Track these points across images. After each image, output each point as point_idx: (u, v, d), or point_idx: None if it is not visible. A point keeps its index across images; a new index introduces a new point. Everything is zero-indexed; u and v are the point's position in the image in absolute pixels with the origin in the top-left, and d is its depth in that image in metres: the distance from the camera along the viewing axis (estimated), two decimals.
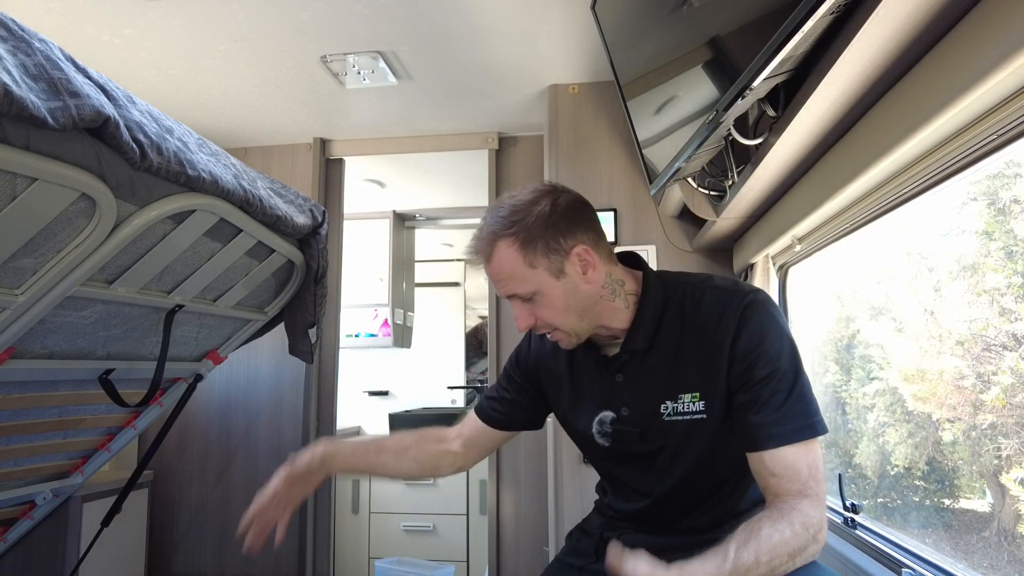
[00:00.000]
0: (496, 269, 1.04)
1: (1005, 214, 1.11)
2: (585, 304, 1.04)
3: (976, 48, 0.78)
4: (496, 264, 1.03)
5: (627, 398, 1.08)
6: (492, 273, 1.05)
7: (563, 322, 1.04)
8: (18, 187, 0.93)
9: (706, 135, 1.33)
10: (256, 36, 1.99)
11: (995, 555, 1.17)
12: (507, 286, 1.04)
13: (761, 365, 0.96)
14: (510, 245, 1.01)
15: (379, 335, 3.72)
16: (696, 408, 1.02)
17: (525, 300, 1.04)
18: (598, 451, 1.13)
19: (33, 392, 1.47)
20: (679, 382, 1.03)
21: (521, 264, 1.01)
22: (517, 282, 1.03)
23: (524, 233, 1.01)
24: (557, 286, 1.02)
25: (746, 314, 0.99)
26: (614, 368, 1.09)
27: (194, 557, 2.68)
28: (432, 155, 2.87)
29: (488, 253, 1.04)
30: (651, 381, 1.06)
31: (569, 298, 1.03)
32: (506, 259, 1.02)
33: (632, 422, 1.07)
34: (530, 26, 1.96)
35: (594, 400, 1.12)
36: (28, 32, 0.88)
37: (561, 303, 1.03)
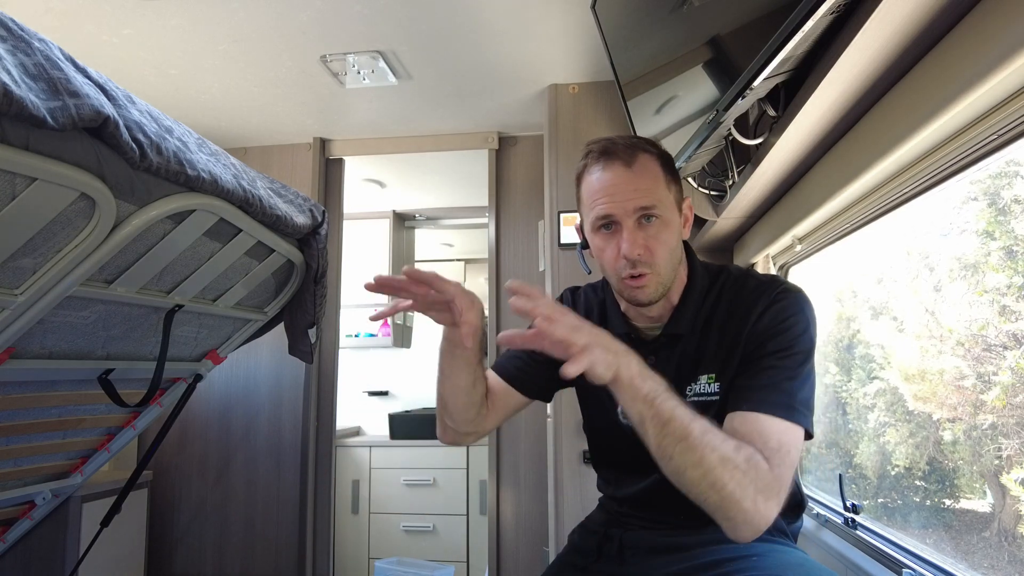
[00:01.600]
0: (637, 175, 0.98)
1: (1006, 214, 1.11)
2: (678, 257, 1.03)
3: (976, 48, 0.78)
4: (638, 169, 0.98)
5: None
6: (632, 178, 0.97)
7: (665, 261, 1.00)
8: (17, 187, 0.93)
9: (706, 135, 1.33)
10: (256, 36, 1.99)
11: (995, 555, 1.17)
12: (644, 197, 0.97)
13: (772, 343, 0.95)
14: (654, 160, 0.99)
15: (379, 335, 3.72)
16: (711, 390, 1.01)
17: (645, 224, 0.98)
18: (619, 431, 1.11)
19: (33, 392, 1.46)
20: (700, 364, 1.03)
21: (662, 181, 0.99)
22: (656, 196, 0.98)
23: (665, 157, 1.01)
24: (676, 221, 1.01)
25: (778, 296, 0.98)
26: (648, 350, 1.06)
27: (194, 557, 2.68)
28: (432, 155, 2.87)
29: (631, 157, 0.98)
30: (679, 364, 1.05)
31: (676, 239, 1.01)
32: (651, 170, 0.98)
33: None
34: (530, 26, 1.96)
35: None
36: (28, 32, 0.88)
37: (673, 240, 1.00)
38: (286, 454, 2.67)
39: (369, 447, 3.53)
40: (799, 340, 0.95)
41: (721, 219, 1.77)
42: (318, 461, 2.71)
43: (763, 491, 0.82)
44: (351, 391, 4.03)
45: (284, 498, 2.65)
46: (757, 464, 0.84)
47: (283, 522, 2.64)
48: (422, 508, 3.43)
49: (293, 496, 2.64)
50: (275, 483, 2.66)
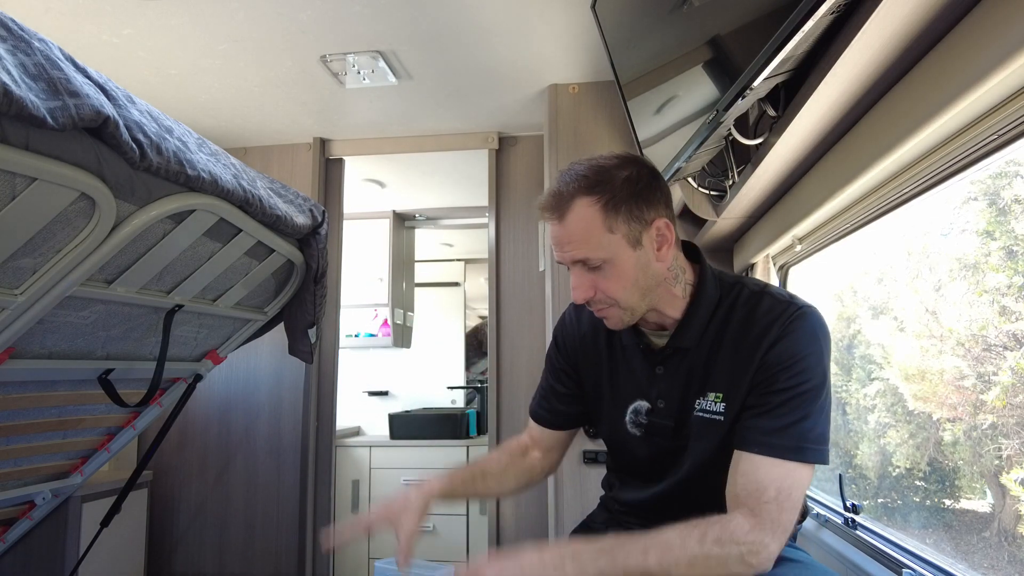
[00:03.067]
0: (570, 229, 0.96)
1: (1006, 214, 1.11)
2: (650, 283, 1.00)
3: (976, 48, 0.78)
4: (571, 223, 0.96)
5: (664, 390, 1.06)
6: (562, 234, 0.98)
7: (625, 297, 0.98)
8: (18, 187, 0.93)
9: (706, 135, 1.33)
10: (256, 36, 1.99)
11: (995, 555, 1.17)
12: (577, 249, 0.97)
13: (785, 377, 0.92)
14: (591, 204, 0.95)
15: (379, 335, 3.72)
16: (716, 409, 1.00)
17: (590, 269, 0.98)
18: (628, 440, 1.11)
19: (33, 392, 1.46)
20: (709, 380, 1.01)
21: (600, 227, 0.95)
22: (590, 246, 0.96)
23: (608, 195, 0.95)
24: (631, 257, 0.97)
25: (793, 324, 0.94)
26: (654, 360, 1.06)
27: (194, 557, 2.68)
28: (432, 155, 2.87)
29: (564, 210, 0.97)
30: (689, 377, 1.04)
31: (638, 272, 0.98)
32: (584, 219, 0.95)
33: (666, 415, 1.05)
34: (530, 26, 1.96)
35: (631, 388, 1.10)
36: (28, 32, 0.88)
37: (630, 276, 0.97)
38: (286, 454, 2.67)
39: (369, 447, 3.53)
40: (813, 372, 0.93)
41: (721, 219, 1.77)
42: (318, 461, 2.71)
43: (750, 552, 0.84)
44: (351, 391, 4.03)
45: (284, 498, 2.65)
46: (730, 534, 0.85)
47: (283, 522, 2.64)
48: None
49: (293, 496, 2.64)
50: (275, 483, 2.66)
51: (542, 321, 2.58)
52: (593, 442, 2.15)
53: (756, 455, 0.90)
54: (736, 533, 0.85)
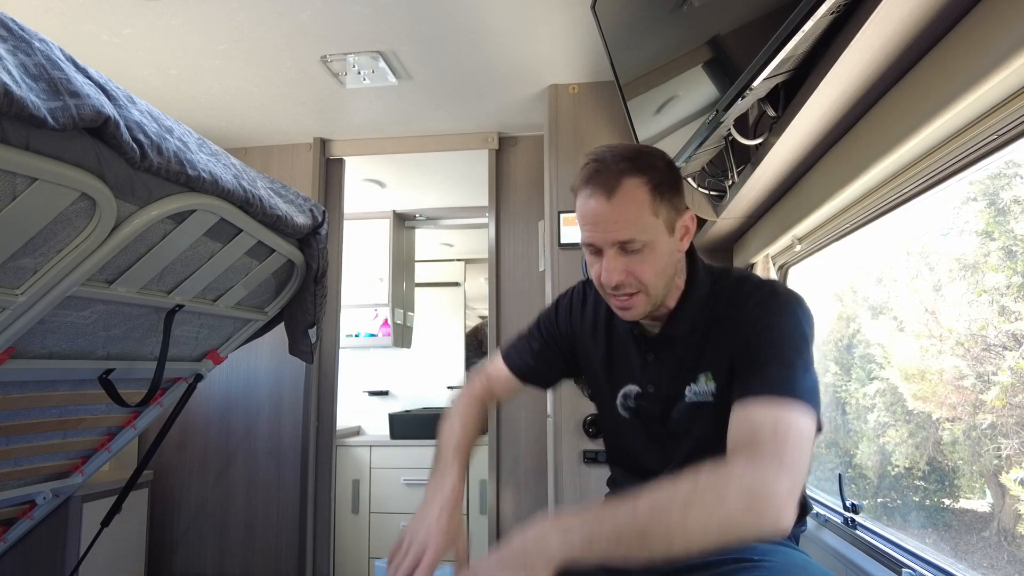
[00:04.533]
0: (619, 207, 0.94)
1: (1005, 214, 1.12)
2: (671, 272, 1.01)
3: (976, 48, 0.78)
4: (621, 201, 0.93)
5: (654, 376, 1.09)
6: (609, 212, 0.94)
7: (654, 283, 0.98)
8: (18, 187, 0.93)
9: (706, 135, 1.33)
10: (256, 36, 1.99)
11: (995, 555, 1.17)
12: (624, 229, 0.94)
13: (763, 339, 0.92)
14: (641, 186, 0.94)
15: (379, 335, 3.72)
16: (708, 389, 1.02)
17: (627, 252, 0.96)
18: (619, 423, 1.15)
19: (33, 392, 1.47)
20: (698, 364, 1.03)
21: (647, 208, 0.94)
22: (637, 227, 0.94)
23: (656, 179, 0.95)
24: (666, 243, 0.97)
25: (766, 297, 0.97)
26: (646, 347, 1.09)
27: (194, 557, 2.68)
28: (432, 155, 2.87)
29: (614, 188, 0.93)
30: (679, 364, 1.06)
31: (668, 259, 0.98)
32: (634, 199, 0.94)
33: (655, 399, 1.08)
34: (530, 26, 1.96)
35: (623, 373, 1.13)
36: (28, 32, 0.88)
37: (662, 262, 0.97)
38: (286, 454, 2.67)
39: (369, 447, 3.53)
40: (790, 335, 0.92)
41: (721, 219, 1.77)
42: (318, 461, 2.71)
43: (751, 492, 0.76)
44: (351, 391, 4.03)
45: (284, 498, 2.65)
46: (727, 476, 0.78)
47: (283, 522, 2.64)
48: None
49: (293, 496, 2.64)
50: (275, 483, 2.66)
51: None
52: (593, 442, 2.15)
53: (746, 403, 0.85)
54: (730, 470, 0.78)
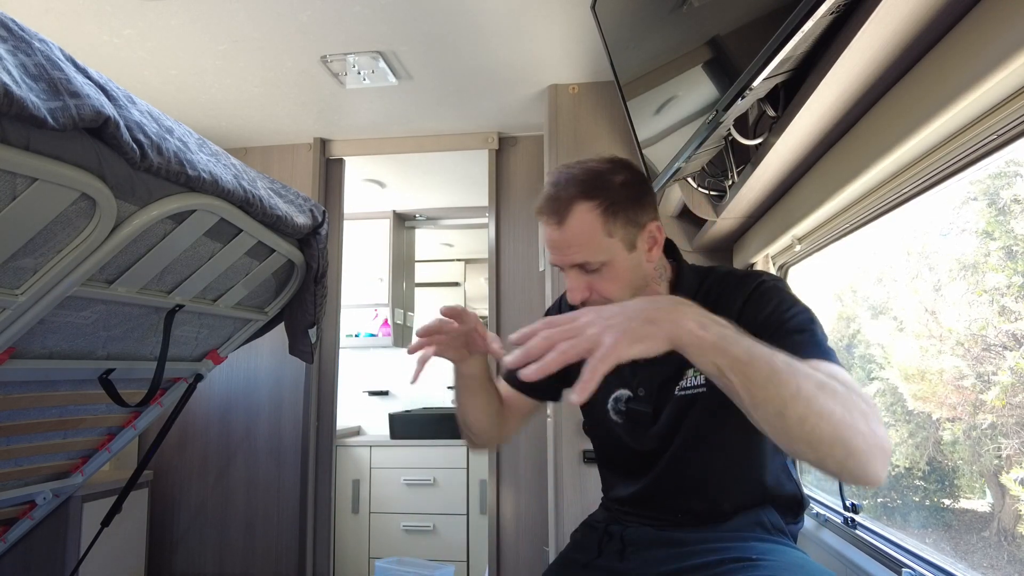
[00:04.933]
0: (570, 233, 0.98)
1: (1005, 214, 1.12)
2: (640, 283, 1.03)
3: (976, 48, 0.78)
4: (571, 227, 0.97)
5: (643, 379, 1.09)
6: (562, 238, 0.99)
7: (619, 297, 0.99)
8: (18, 187, 0.93)
9: (706, 135, 1.33)
10: (256, 36, 1.99)
11: (995, 555, 1.17)
12: (577, 253, 0.98)
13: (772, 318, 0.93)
14: (591, 210, 0.97)
15: (379, 335, 3.72)
16: (698, 381, 1.03)
17: (587, 271, 1.00)
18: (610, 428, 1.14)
19: (33, 392, 1.47)
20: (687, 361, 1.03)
21: (599, 231, 0.97)
22: (589, 250, 0.98)
23: (607, 200, 0.97)
24: (626, 259, 1.00)
25: (756, 288, 0.99)
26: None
27: (194, 557, 2.68)
28: (432, 155, 2.87)
29: (563, 215, 0.97)
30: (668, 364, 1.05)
31: (632, 274, 1.01)
32: (584, 224, 0.97)
33: (645, 401, 1.09)
34: (530, 26, 1.96)
35: (612, 378, 1.12)
36: (28, 32, 0.88)
37: (625, 278, 1.00)
38: (286, 454, 2.67)
39: (369, 447, 3.53)
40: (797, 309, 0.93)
41: (721, 219, 1.77)
42: (318, 461, 2.71)
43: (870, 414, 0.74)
44: (351, 391, 4.03)
45: (284, 498, 2.65)
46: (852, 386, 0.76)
47: (283, 522, 2.64)
48: (422, 508, 3.43)
49: (293, 496, 2.64)
50: (275, 483, 2.66)
51: None
52: None
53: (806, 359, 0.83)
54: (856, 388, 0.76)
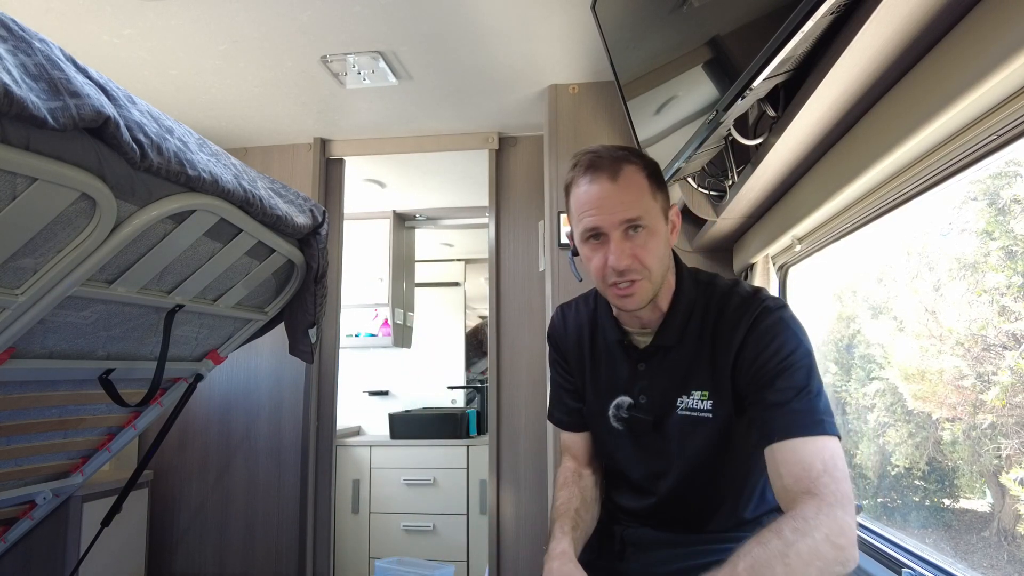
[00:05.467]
0: (622, 188, 0.99)
1: (1005, 214, 1.12)
2: (667, 263, 1.06)
3: (976, 48, 0.78)
4: (624, 183, 0.99)
5: (646, 386, 1.09)
6: (615, 193, 0.99)
7: (656, 267, 1.01)
8: (18, 187, 0.93)
9: (706, 135, 1.33)
10: (256, 36, 1.99)
11: (995, 555, 1.17)
12: (630, 208, 0.99)
13: (771, 366, 0.95)
14: (640, 171, 1.01)
15: (379, 335, 3.72)
16: (704, 407, 1.03)
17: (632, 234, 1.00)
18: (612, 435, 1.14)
19: (33, 392, 1.47)
20: (692, 378, 1.04)
21: (648, 191, 1.01)
22: (641, 207, 0.99)
23: (651, 167, 1.03)
24: (663, 228, 1.03)
25: (757, 320, 0.99)
26: (637, 357, 1.10)
27: (194, 557, 2.68)
28: (432, 155, 2.87)
29: (616, 170, 1.00)
30: (670, 375, 1.07)
31: (665, 248, 1.04)
32: (636, 181, 1.00)
33: (647, 410, 1.08)
34: (530, 26, 1.96)
35: (614, 384, 1.13)
36: (28, 32, 0.88)
37: (662, 247, 1.03)
38: (286, 454, 2.67)
39: (369, 447, 3.53)
40: (796, 356, 0.95)
41: (721, 219, 1.77)
42: (318, 461, 2.71)
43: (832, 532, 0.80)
44: (351, 391, 4.03)
45: (284, 498, 2.65)
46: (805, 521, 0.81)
47: (283, 522, 2.64)
48: (422, 508, 3.43)
49: (293, 496, 2.64)
50: (275, 483, 2.66)
51: (542, 321, 2.59)
52: None
53: (787, 441, 0.89)
54: (808, 517, 0.81)
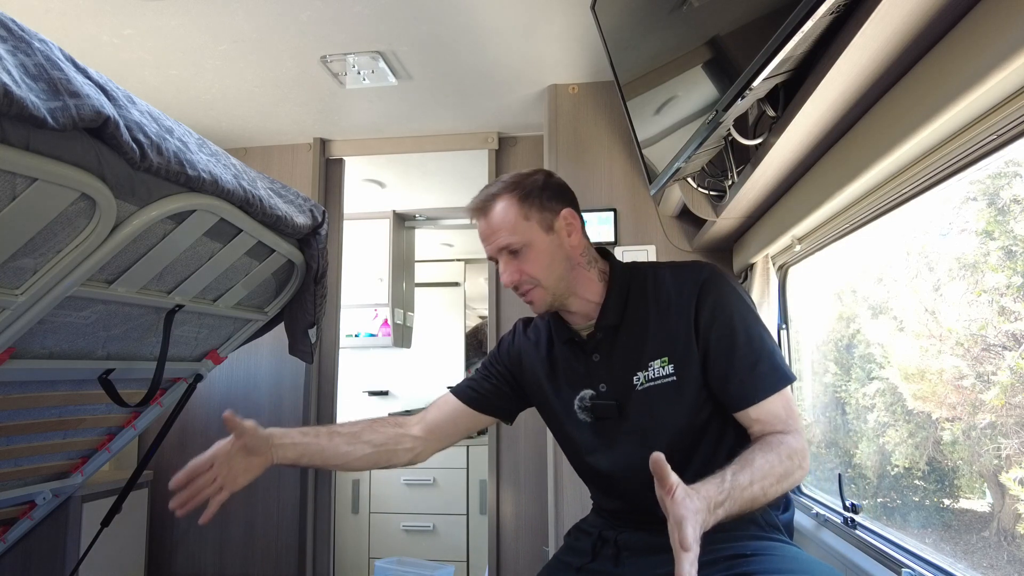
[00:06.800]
0: (493, 221, 1.13)
1: (1005, 214, 1.12)
2: (566, 265, 1.15)
3: (976, 48, 0.78)
4: (493, 216, 1.13)
5: (604, 375, 1.14)
6: (487, 226, 1.14)
7: (545, 276, 1.13)
8: (18, 187, 0.93)
9: (706, 135, 1.33)
10: (256, 36, 1.99)
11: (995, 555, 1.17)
12: (500, 238, 1.13)
13: (729, 331, 1.06)
14: (509, 199, 1.13)
15: (379, 335, 3.72)
16: (666, 371, 1.09)
17: (513, 255, 1.13)
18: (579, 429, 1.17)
19: (33, 392, 1.47)
20: (647, 352, 1.11)
21: (517, 215, 1.12)
22: (510, 232, 1.12)
23: (522, 191, 1.14)
24: (545, 240, 1.13)
25: (706, 285, 1.09)
26: (590, 349, 1.16)
27: (194, 557, 2.68)
28: (432, 155, 2.87)
29: (487, 208, 1.15)
30: (623, 356, 1.13)
31: (554, 254, 1.14)
32: (503, 211, 1.13)
33: (609, 396, 1.13)
34: (530, 26, 1.96)
35: (573, 382, 1.18)
36: (28, 32, 0.88)
37: (546, 257, 1.13)
38: None
39: None
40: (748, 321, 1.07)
41: (720, 219, 1.77)
42: None
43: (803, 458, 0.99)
44: (351, 391, 4.03)
45: (284, 498, 2.65)
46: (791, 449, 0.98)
47: (283, 522, 2.64)
48: (422, 508, 3.43)
49: (293, 496, 2.64)
50: (275, 483, 2.66)
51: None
52: None
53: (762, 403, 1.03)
54: (794, 447, 0.98)
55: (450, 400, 1.29)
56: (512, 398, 1.29)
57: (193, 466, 1.08)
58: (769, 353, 1.06)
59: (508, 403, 1.30)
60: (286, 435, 1.16)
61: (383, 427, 1.24)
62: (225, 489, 1.10)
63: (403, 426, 1.26)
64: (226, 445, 1.10)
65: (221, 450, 1.10)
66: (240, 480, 1.12)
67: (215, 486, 1.10)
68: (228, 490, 1.11)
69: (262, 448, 1.12)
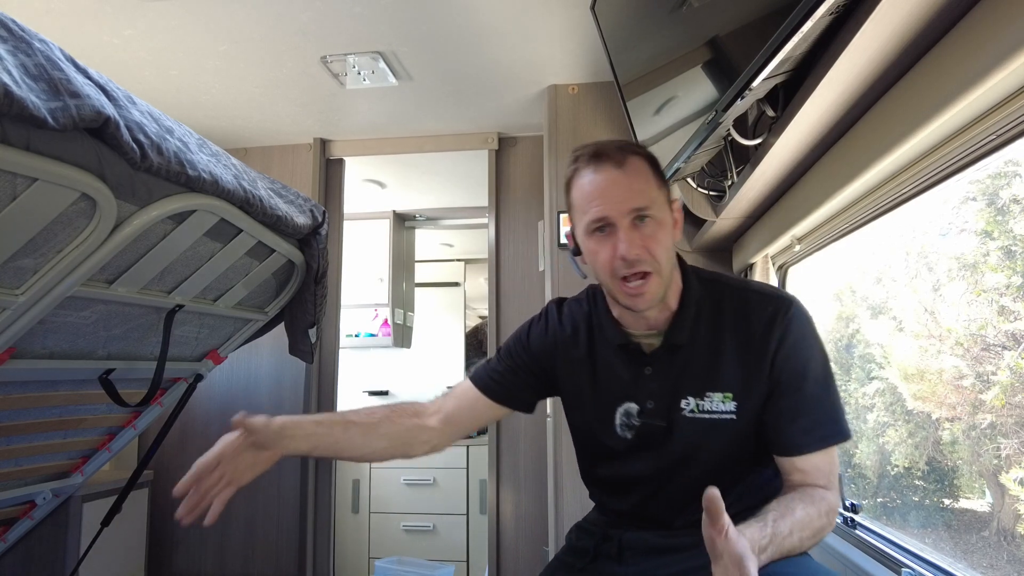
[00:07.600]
0: (629, 175, 0.98)
1: (1004, 214, 1.12)
2: (674, 256, 1.03)
3: (976, 48, 0.78)
4: (630, 171, 0.98)
5: (654, 390, 1.05)
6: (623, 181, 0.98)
7: (665, 260, 0.99)
8: (18, 187, 0.93)
9: (705, 135, 1.33)
10: (256, 36, 1.99)
11: (995, 555, 1.17)
12: (638, 196, 0.97)
13: (801, 376, 0.99)
14: (643, 161, 1.00)
15: (379, 335, 3.72)
16: (726, 408, 1.01)
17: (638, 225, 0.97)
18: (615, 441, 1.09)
19: (33, 392, 1.47)
20: (712, 381, 1.02)
21: (653, 181, 1.00)
22: (648, 196, 0.98)
23: (653, 160, 1.02)
24: (668, 219, 1.01)
25: (792, 324, 1.00)
26: (644, 360, 1.06)
27: (194, 557, 2.68)
28: (432, 155, 2.87)
29: (622, 159, 0.98)
30: (681, 377, 1.04)
31: (671, 240, 1.02)
32: (642, 171, 0.99)
33: (658, 415, 1.04)
34: (530, 26, 1.96)
35: (615, 389, 1.08)
36: (28, 32, 0.88)
37: (669, 239, 1.01)
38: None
39: None
40: (822, 366, 1.01)
41: (720, 219, 1.77)
42: (318, 461, 2.71)
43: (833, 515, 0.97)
44: (351, 391, 4.03)
45: (284, 498, 2.65)
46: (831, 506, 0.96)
47: (283, 522, 2.64)
48: (422, 508, 3.44)
49: (293, 496, 2.64)
50: (275, 482, 2.66)
51: None
52: None
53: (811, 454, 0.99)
54: (833, 505, 0.97)
55: (471, 392, 1.19)
56: (538, 390, 1.20)
57: (199, 467, 1.02)
58: (831, 406, 1.00)
59: (533, 396, 1.20)
60: (299, 426, 1.08)
61: (400, 418, 1.16)
62: (231, 485, 1.05)
63: (421, 416, 1.17)
64: (233, 442, 1.04)
65: (227, 448, 1.04)
66: (247, 476, 1.06)
67: (221, 483, 1.04)
68: (234, 486, 1.05)
69: (272, 443, 1.05)
